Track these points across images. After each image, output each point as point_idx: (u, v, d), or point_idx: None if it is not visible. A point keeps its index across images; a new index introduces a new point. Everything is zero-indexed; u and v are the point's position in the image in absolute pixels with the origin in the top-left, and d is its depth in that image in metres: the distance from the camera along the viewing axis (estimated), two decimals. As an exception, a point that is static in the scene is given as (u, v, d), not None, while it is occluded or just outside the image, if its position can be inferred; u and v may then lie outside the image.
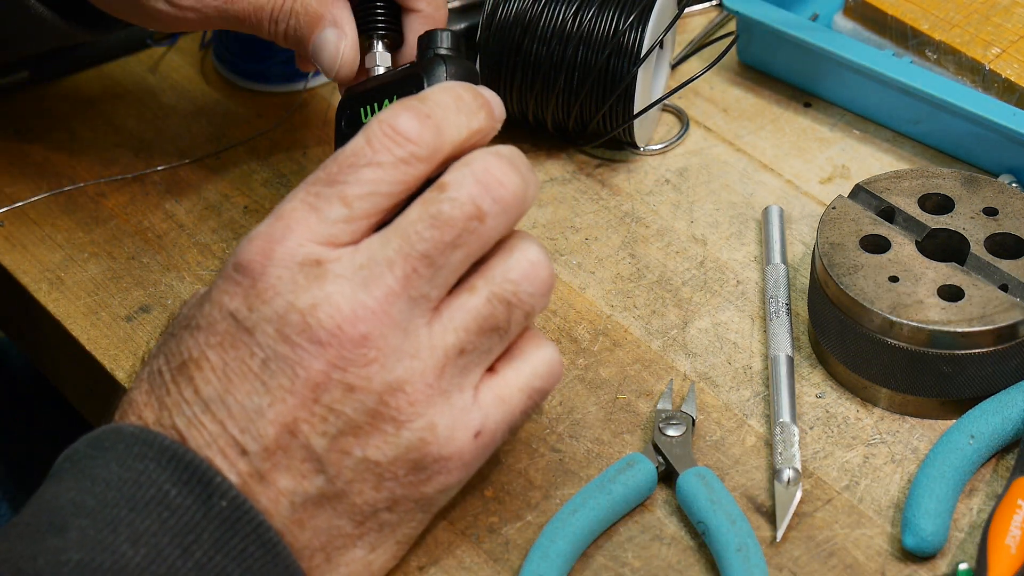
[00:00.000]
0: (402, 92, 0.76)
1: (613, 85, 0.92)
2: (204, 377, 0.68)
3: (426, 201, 0.68)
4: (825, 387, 0.83)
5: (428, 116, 0.69)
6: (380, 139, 0.68)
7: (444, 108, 0.70)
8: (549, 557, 0.73)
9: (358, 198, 0.68)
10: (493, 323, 0.70)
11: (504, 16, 0.93)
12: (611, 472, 0.77)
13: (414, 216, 0.68)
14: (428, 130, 0.69)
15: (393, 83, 0.79)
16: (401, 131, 0.68)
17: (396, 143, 0.68)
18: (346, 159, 0.69)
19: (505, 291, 0.70)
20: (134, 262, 0.92)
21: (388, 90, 0.79)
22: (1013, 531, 0.72)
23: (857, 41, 0.97)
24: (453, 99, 0.70)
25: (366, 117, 0.78)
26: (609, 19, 0.92)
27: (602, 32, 0.92)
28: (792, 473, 0.76)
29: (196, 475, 0.66)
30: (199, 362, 0.68)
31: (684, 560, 0.76)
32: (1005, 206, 0.84)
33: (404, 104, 0.69)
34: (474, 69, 0.79)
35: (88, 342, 0.87)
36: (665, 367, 0.84)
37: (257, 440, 0.67)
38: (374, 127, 0.69)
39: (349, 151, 0.69)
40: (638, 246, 0.91)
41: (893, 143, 0.97)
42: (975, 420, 0.78)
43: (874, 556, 0.75)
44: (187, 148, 0.99)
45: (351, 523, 0.70)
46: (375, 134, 0.68)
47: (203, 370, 0.68)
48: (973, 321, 0.79)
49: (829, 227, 0.84)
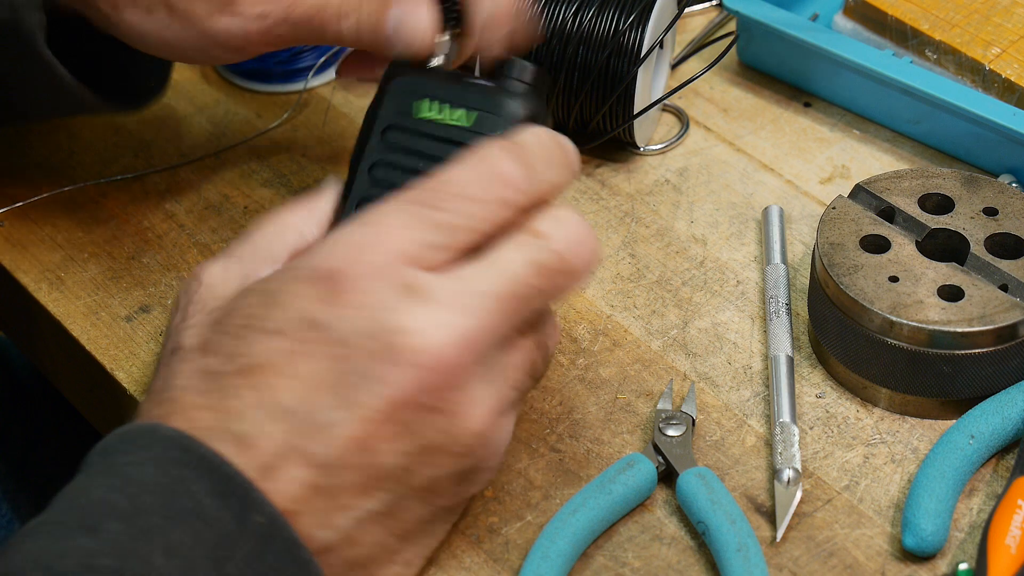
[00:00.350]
0: (470, 105, 0.75)
1: (613, 85, 0.92)
2: (279, 384, 0.66)
3: (526, 246, 0.69)
4: (825, 387, 0.83)
5: (531, 166, 0.70)
6: (486, 178, 0.69)
7: (543, 161, 0.71)
8: (549, 557, 0.73)
9: (457, 229, 0.68)
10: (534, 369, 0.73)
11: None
12: (611, 472, 0.77)
13: (514, 256, 0.69)
14: (528, 180, 0.70)
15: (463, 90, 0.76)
16: (507, 176, 0.69)
17: (501, 186, 0.69)
18: (450, 187, 0.69)
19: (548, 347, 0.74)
20: (134, 262, 0.92)
21: (455, 95, 0.76)
22: (1013, 531, 0.72)
23: (857, 41, 0.97)
24: (549, 152, 0.72)
25: (425, 111, 0.76)
26: (609, 19, 0.92)
27: (602, 32, 0.92)
28: (792, 473, 0.76)
29: (234, 488, 0.64)
30: (272, 368, 0.67)
31: (684, 560, 0.76)
32: (1005, 206, 0.84)
33: (509, 149, 0.70)
34: (545, 109, 0.78)
35: (88, 342, 0.87)
36: (665, 367, 0.84)
37: (328, 453, 0.66)
38: (481, 166, 0.70)
39: (453, 181, 0.69)
40: (638, 246, 0.91)
41: (893, 143, 0.97)
42: (975, 420, 0.78)
43: (874, 556, 0.75)
44: (187, 148, 0.99)
45: (397, 540, 0.70)
46: (482, 173, 0.69)
47: (278, 376, 0.67)
48: (973, 321, 0.79)
49: (829, 227, 0.84)
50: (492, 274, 0.68)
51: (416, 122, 0.75)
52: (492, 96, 0.75)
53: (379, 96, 0.77)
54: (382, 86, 0.77)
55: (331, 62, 1.03)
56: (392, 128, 0.75)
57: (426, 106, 0.76)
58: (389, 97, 0.76)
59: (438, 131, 0.75)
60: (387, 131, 0.76)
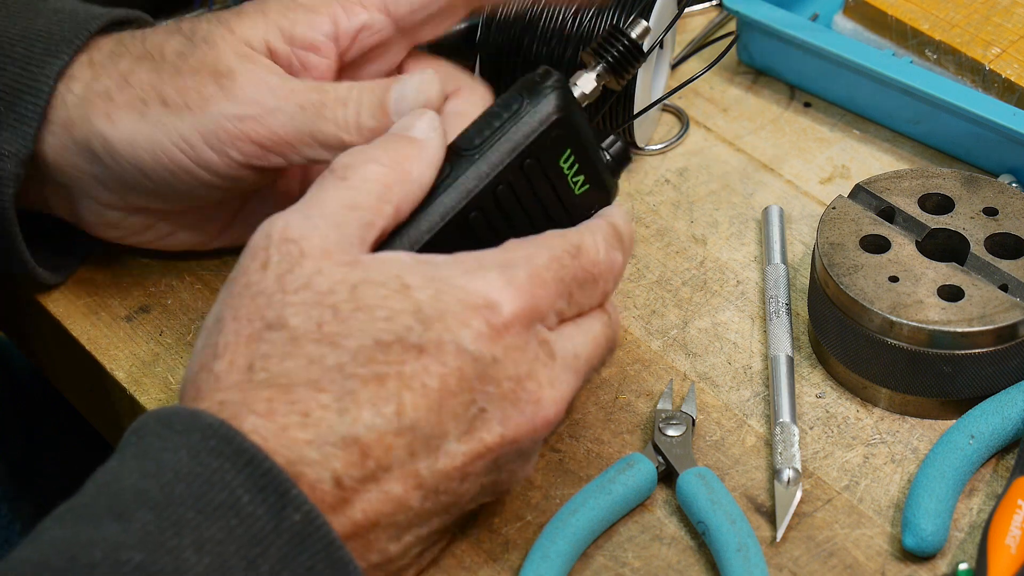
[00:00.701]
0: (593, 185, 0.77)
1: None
2: (413, 402, 0.67)
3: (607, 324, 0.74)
4: (825, 387, 0.83)
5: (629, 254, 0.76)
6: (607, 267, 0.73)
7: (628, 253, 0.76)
8: (549, 557, 0.73)
9: (576, 304, 0.73)
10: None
11: (504, 15, 0.93)
12: (611, 472, 0.77)
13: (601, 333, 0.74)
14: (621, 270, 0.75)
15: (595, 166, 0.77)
16: (617, 270, 0.74)
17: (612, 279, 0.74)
18: (586, 265, 0.72)
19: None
20: (134, 262, 0.92)
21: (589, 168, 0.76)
22: (1013, 531, 0.72)
23: (857, 41, 0.97)
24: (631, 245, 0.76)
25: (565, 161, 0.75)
26: (609, 19, 0.92)
27: (602, 32, 0.92)
28: (792, 473, 0.76)
29: (272, 484, 0.64)
30: (411, 383, 0.67)
31: (684, 560, 0.76)
32: (1005, 206, 0.84)
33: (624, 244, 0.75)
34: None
35: (88, 342, 0.87)
36: (665, 367, 0.84)
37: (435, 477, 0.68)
38: (611, 253, 0.74)
39: (590, 259, 0.73)
40: (638, 246, 0.91)
41: (893, 143, 0.97)
42: (975, 420, 0.78)
43: (874, 556, 0.75)
44: (187, 148, 0.99)
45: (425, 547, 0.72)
46: (610, 260, 0.73)
47: (414, 392, 0.67)
48: (973, 321, 0.79)
49: (829, 227, 0.84)
50: (590, 342, 0.73)
51: (555, 169, 0.75)
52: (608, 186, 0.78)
53: (549, 113, 0.75)
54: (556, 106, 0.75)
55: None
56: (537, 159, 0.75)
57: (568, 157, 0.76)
58: (555, 121, 0.75)
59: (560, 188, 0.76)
60: (532, 157, 0.75)
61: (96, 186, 0.82)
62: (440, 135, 0.73)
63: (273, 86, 0.78)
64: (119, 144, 0.79)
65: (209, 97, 0.78)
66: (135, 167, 0.80)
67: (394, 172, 0.71)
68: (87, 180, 0.82)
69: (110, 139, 0.79)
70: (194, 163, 0.79)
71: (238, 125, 0.78)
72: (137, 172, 0.80)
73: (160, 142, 0.79)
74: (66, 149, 0.81)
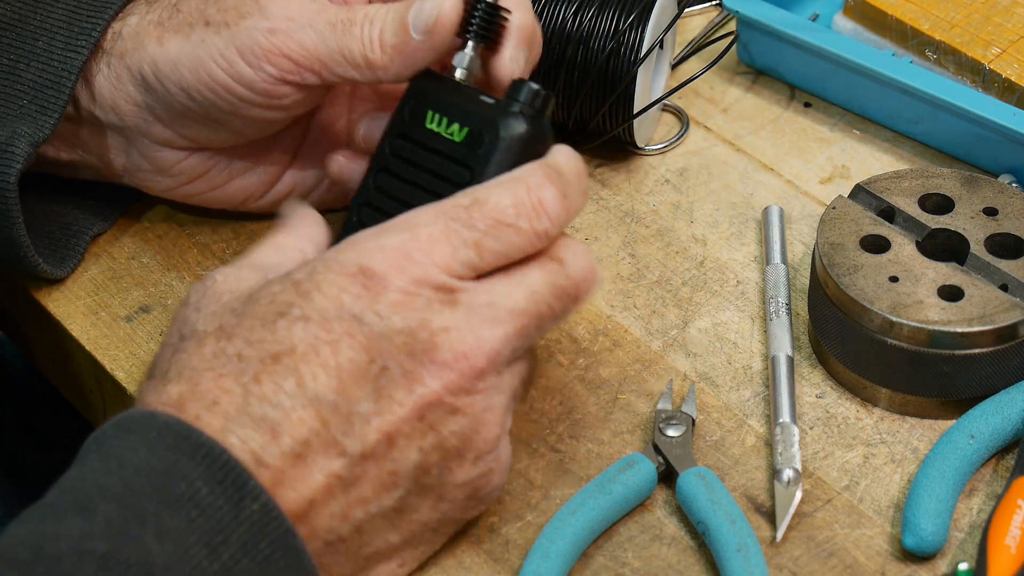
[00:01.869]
0: (473, 125, 0.77)
1: (613, 85, 0.92)
2: (312, 372, 0.68)
3: (549, 271, 0.73)
4: (825, 387, 0.83)
5: (567, 197, 0.73)
6: (526, 208, 0.72)
7: (576, 189, 0.74)
8: (549, 557, 0.73)
9: (491, 252, 0.72)
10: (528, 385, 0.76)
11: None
12: (611, 472, 0.77)
13: (539, 280, 0.72)
14: (564, 213, 0.73)
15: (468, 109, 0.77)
16: (547, 208, 0.73)
17: (539, 217, 0.72)
18: (490, 212, 0.72)
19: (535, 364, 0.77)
20: (134, 262, 0.92)
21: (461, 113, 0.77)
22: (1013, 531, 0.72)
23: (857, 41, 0.97)
24: (580, 180, 0.75)
25: (431, 122, 0.78)
26: (609, 19, 0.92)
27: (602, 32, 0.92)
28: (792, 473, 0.76)
29: (230, 475, 0.65)
30: (306, 356, 0.68)
31: (684, 560, 0.76)
32: (1005, 206, 0.84)
33: (551, 180, 0.73)
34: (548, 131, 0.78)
35: (88, 342, 0.87)
36: (665, 367, 0.84)
37: (357, 445, 0.68)
38: (522, 193, 0.72)
39: (494, 205, 0.72)
40: (638, 246, 0.91)
41: (893, 143, 0.97)
42: (975, 420, 0.78)
43: (874, 556, 0.75)
44: (187, 148, 0.99)
45: (400, 538, 0.72)
46: (523, 201, 0.72)
47: (310, 364, 0.68)
48: (973, 321, 0.79)
49: (829, 227, 0.84)
50: (519, 292, 0.72)
51: (423, 132, 0.77)
52: (493, 115, 0.76)
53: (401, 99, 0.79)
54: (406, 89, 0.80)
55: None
56: (401, 136, 0.78)
57: (432, 117, 0.78)
58: (406, 100, 0.79)
59: (439, 145, 0.77)
60: (396, 138, 0.78)
61: (149, 120, 0.85)
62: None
63: (305, 5, 0.81)
64: (165, 65, 0.83)
65: (246, 14, 0.81)
66: (180, 87, 0.83)
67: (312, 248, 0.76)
68: (140, 115, 0.85)
69: (158, 61, 0.83)
70: (231, 78, 0.82)
71: (270, 39, 0.81)
72: (182, 94, 0.83)
73: (200, 59, 0.82)
74: (120, 80, 0.84)
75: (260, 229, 0.93)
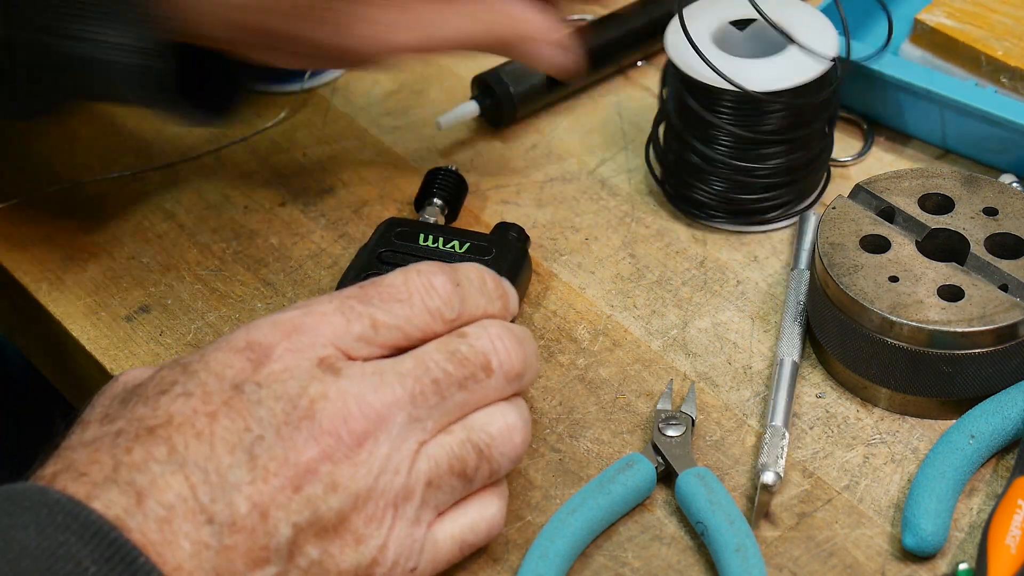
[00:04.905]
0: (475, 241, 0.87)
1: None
2: (183, 440, 0.66)
3: (445, 341, 0.72)
4: (825, 387, 0.83)
5: (459, 285, 0.73)
6: (416, 285, 0.72)
7: (471, 285, 0.74)
8: (548, 557, 0.73)
9: (384, 326, 0.71)
10: (462, 467, 0.71)
11: None
12: (610, 472, 0.77)
13: (432, 348, 0.72)
14: (456, 296, 0.73)
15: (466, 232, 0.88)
16: (436, 287, 0.73)
17: (429, 295, 0.72)
18: (384, 289, 0.72)
19: (480, 440, 0.72)
20: (134, 262, 0.92)
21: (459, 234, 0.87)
22: (1013, 531, 0.72)
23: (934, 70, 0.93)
24: (479, 281, 0.75)
25: (425, 241, 0.87)
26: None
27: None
28: (773, 476, 0.76)
29: (119, 553, 0.63)
30: (181, 427, 0.67)
31: (684, 560, 0.76)
32: (1005, 206, 0.84)
33: (441, 267, 0.73)
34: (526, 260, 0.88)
35: (88, 342, 0.87)
36: (665, 367, 0.84)
37: (226, 513, 0.66)
38: (412, 275, 0.73)
39: (387, 284, 0.72)
40: (638, 246, 0.91)
41: (893, 143, 0.97)
42: (975, 420, 0.78)
43: (874, 556, 0.75)
44: (187, 148, 0.99)
45: None
46: (412, 280, 0.73)
47: (183, 434, 0.66)
48: (973, 321, 0.78)
49: (829, 227, 0.83)
50: (406, 359, 0.71)
51: (416, 248, 0.86)
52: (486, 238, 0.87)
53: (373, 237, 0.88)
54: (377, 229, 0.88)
55: (331, 62, 1.03)
56: (388, 251, 0.86)
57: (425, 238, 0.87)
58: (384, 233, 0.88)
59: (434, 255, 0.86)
60: (382, 253, 0.86)
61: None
62: None
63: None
64: None
65: None
66: None
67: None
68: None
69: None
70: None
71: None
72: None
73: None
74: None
75: (260, 230, 0.93)
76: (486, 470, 0.72)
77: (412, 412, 0.69)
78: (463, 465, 0.71)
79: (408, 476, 0.69)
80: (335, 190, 0.96)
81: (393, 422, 0.69)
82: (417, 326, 0.72)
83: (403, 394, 0.69)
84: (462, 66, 1.03)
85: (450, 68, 1.03)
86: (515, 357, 0.73)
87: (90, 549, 0.63)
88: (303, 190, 0.96)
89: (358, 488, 0.68)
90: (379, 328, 0.71)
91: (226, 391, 0.68)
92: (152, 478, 0.65)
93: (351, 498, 0.68)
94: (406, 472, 0.69)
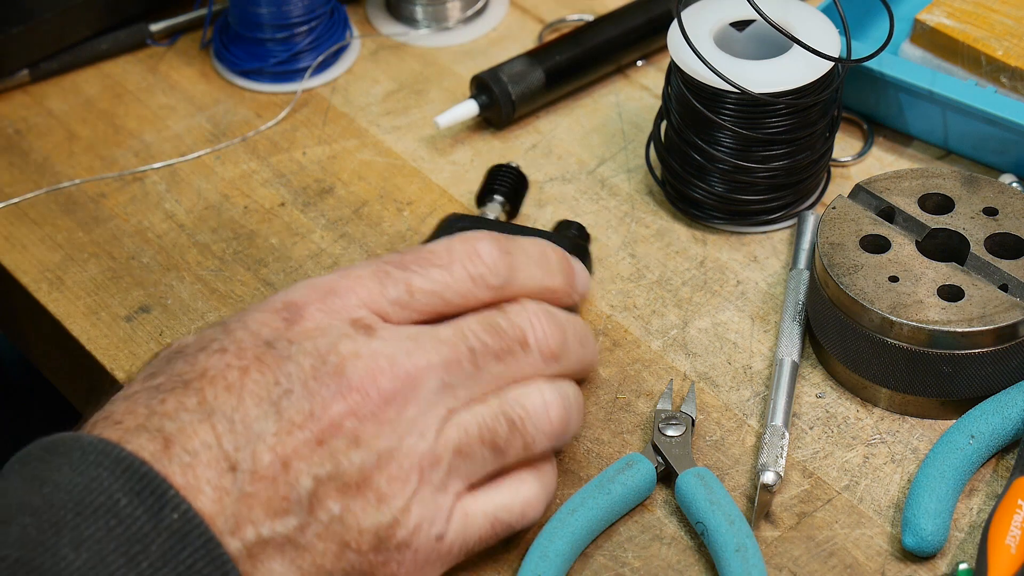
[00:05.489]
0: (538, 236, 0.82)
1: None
2: (214, 392, 0.68)
3: (485, 314, 0.72)
4: (825, 387, 0.83)
5: (508, 253, 0.74)
6: (459, 251, 0.73)
7: (526, 255, 0.74)
8: (548, 557, 0.73)
9: (421, 291, 0.71)
10: (492, 437, 0.72)
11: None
12: (610, 472, 0.77)
13: (471, 319, 0.72)
14: (504, 263, 0.73)
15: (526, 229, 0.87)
16: (480, 253, 0.73)
17: (471, 261, 0.73)
18: (423, 255, 0.72)
19: (513, 413, 0.72)
20: (134, 262, 0.92)
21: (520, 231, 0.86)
22: (1013, 531, 0.72)
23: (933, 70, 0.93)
24: (538, 253, 0.75)
25: None
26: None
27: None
28: (773, 476, 0.76)
29: (149, 486, 0.65)
30: (213, 379, 0.68)
31: (684, 560, 0.76)
32: (1005, 206, 0.84)
33: (490, 235, 0.74)
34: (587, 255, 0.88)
35: (88, 342, 0.87)
36: (665, 367, 0.84)
37: (249, 462, 0.67)
38: (456, 241, 0.73)
39: (428, 249, 0.73)
40: (638, 246, 0.91)
41: (893, 143, 0.97)
42: (975, 420, 0.78)
43: (874, 556, 0.75)
44: (187, 148, 0.99)
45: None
46: (455, 247, 0.73)
47: (215, 386, 0.68)
48: (973, 321, 0.78)
49: (829, 227, 0.83)
50: (445, 327, 0.71)
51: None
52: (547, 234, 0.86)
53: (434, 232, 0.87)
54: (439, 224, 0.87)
55: (329, 62, 1.03)
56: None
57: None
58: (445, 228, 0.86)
59: None
60: None
61: None
62: None
63: None
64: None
65: None
66: None
67: None
68: None
69: None
70: None
71: None
72: None
73: None
74: None
75: (260, 230, 0.93)
76: (519, 444, 0.72)
77: (445, 379, 0.70)
78: (493, 436, 0.71)
79: (435, 441, 0.70)
80: (335, 190, 0.96)
81: (425, 386, 0.69)
82: (458, 291, 0.72)
83: (437, 360, 0.70)
84: (461, 66, 1.03)
85: (450, 68, 1.03)
86: (552, 336, 0.73)
87: (121, 483, 0.65)
88: (303, 190, 0.96)
89: (381, 447, 0.68)
90: (415, 293, 0.71)
91: (259, 347, 0.69)
92: (180, 426, 0.67)
93: (374, 455, 0.68)
94: (433, 436, 0.69)
